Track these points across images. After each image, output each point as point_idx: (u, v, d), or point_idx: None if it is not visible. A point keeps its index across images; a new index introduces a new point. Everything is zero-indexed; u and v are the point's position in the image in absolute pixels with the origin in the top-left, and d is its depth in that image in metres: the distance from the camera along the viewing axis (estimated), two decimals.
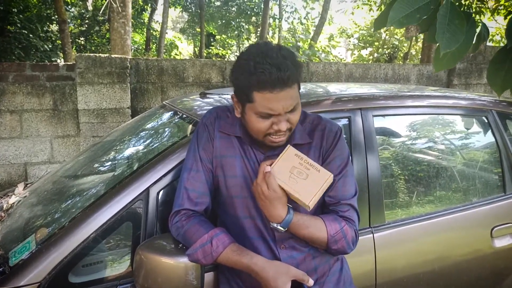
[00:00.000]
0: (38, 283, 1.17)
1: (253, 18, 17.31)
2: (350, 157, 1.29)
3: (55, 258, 1.20)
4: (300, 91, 1.17)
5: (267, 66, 1.03)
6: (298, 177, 1.10)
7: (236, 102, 1.17)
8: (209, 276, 1.29)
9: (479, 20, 1.39)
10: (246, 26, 17.51)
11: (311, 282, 1.10)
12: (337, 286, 1.26)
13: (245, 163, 1.21)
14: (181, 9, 17.49)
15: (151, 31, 14.70)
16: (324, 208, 1.24)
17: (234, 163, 1.21)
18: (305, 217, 1.16)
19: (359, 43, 15.90)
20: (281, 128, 1.10)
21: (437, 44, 1.13)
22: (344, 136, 1.38)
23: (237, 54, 18.91)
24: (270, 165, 1.11)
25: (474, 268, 1.79)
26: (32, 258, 1.21)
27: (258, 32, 16.38)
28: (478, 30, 1.32)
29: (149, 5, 13.56)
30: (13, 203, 1.83)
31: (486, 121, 1.97)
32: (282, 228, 1.12)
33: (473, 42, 1.27)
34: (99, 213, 1.27)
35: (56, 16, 8.70)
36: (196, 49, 18.85)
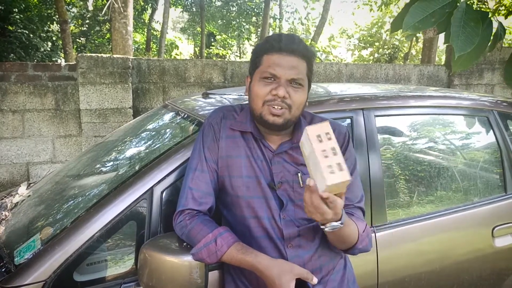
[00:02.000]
0: (43, 281, 1.18)
1: (254, 18, 17.32)
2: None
3: (60, 257, 1.20)
4: (309, 91, 1.23)
5: (282, 36, 1.19)
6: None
7: (248, 80, 1.25)
8: (214, 275, 1.30)
9: (496, 20, 1.40)
10: (247, 26, 17.52)
11: (315, 280, 1.11)
12: (341, 284, 1.27)
13: (251, 163, 1.22)
14: (182, 9, 17.51)
15: (152, 31, 14.71)
16: None
17: (240, 163, 1.22)
18: (347, 219, 1.12)
19: (360, 44, 15.91)
20: (278, 93, 1.13)
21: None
22: None
23: (238, 54, 18.98)
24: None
25: (475, 267, 1.80)
26: (37, 256, 1.22)
27: (259, 32, 16.39)
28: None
29: (150, 5, 13.58)
30: (17, 202, 1.84)
31: (487, 121, 1.98)
32: (340, 225, 1.03)
33: (490, 41, 1.27)
34: (104, 212, 1.28)
35: (57, 16, 8.72)
36: (196, 49, 18.86)
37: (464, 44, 1.13)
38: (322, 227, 1.04)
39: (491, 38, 1.31)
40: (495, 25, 1.36)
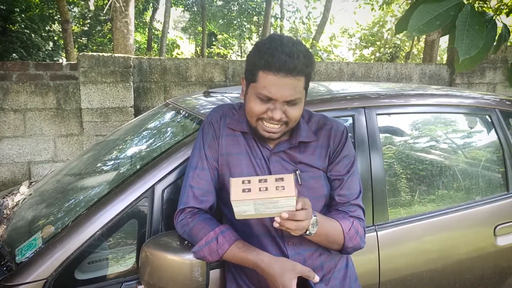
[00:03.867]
0: (44, 279, 1.18)
1: (255, 17, 17.30)
2: (356, 156, 1.31)
3: (61, 255, 1.21)
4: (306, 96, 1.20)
5: (279, 50, 1.06)
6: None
7: (244, 83, 1.21)
8: (215, 273, 1.30)
9: (500, 21, 1.39)
10: (248, 26, 17.51)
11: (316, 278, 1.11)
12: (343, 282, 1.26)
13: (252, 161, 1.21)
14: (183, 8, 17.51)
15: (153, 30, 14.72)
16: (331, 207, 1.26)
17: (240, 161, 1.22)
18: (321, 216, 1.16)
19: (361, 43, 15.88)
20: (274, 116, 1.10)
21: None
22: (349, 134, 1.39)
23: (239, 53, 18.98)
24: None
25: (477, 266, 1.79)
26: (38, 255, 1.22)
27: (260, 32, 16.38)
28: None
29: (151, 4, 13.58)
30: (19, 201, 1.84)
31: (490, 119, 1.97)
32: (312, 231, 1.10)
33: (494, 43, 1.27)
34: (105, 211, 1.28)
35: (58, 16, 8.73)
36: (197, 48, 18.88)
37: (468, 47, 1.13)
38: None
39: (495, 40, 1.30)
40: (499, 26, 1.35)
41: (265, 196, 0.98)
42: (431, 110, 1.92)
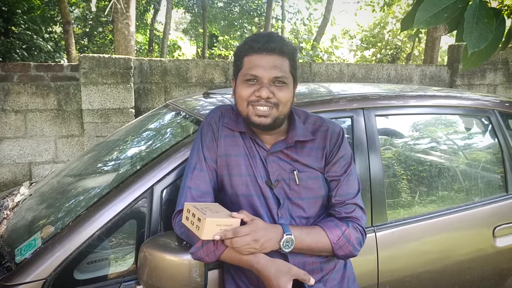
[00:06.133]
0: (43, 279, 1.18)
1: (256, 19, 17.32)
2: (353, 156, 1.31)
3: (60, 255, 1.21)
4: (296, 88, 1.25)
5: (261, 36, 1.18)
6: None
7: (233, 83, 1.25)
8: (214, 274, 1.31)
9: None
10: (249, 27, 17.54)
11: (312, 281, 1.11)
12: (341, 283, 1.27)
13: (250, 162, 1.22)
14: (184, 10, 17.55)
15: (154, 31, 14.75)
16: (328, 208, 1.26)
17: (239, 162, 1.22)
18: (304, 229, 1.18)
19: (362, 44, 15.87)
20: (261, 94, 1.13)
21: (465, 43, 1.13)
22: (347, 136, 1.39)
23: None
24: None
25: (476, 267, 1.79)
26: (37, 255, 1.23)
27: None
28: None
29: (152, 6, 13.62)
30: (19, 201, 1.84)
31: (489, 121, 1.98)
32: (288, 247, 1.13)
33: (502, 40, 1.26)
34: (104, 211, 1.28)
35: (60, 17, 8.75)
36: (199, 50, 18.91)
37: (477, 40, 1.11)
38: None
39: (504, 35, 1.29)
40: (507, 24, 1.34)
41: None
42: (431, 112, 1.92)
